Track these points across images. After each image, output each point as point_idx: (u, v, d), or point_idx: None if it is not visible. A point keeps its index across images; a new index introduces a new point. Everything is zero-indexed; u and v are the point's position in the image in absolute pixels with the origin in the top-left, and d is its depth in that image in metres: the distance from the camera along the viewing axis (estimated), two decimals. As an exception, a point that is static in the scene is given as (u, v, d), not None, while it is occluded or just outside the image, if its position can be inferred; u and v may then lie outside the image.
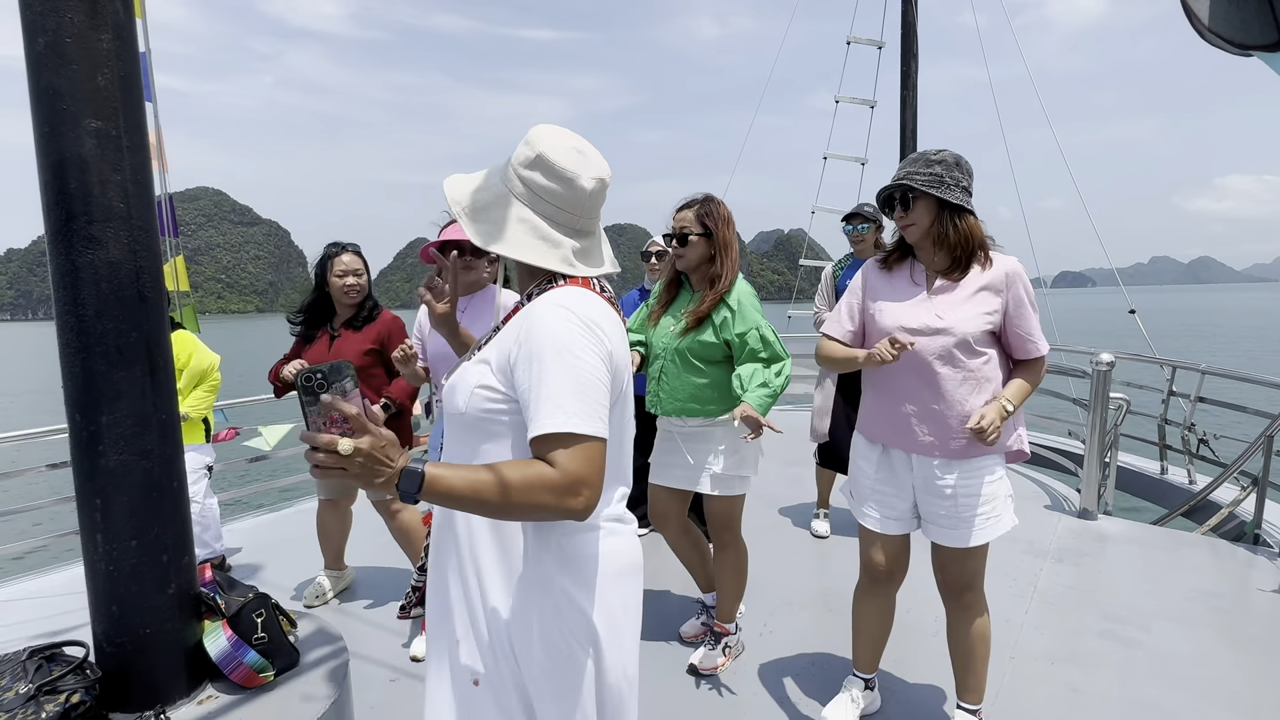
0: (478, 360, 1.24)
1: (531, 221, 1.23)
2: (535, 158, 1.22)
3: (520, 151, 1.24)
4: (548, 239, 1.23)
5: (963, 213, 1.96)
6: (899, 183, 1.98)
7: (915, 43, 7.78)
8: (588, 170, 1.23)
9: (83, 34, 1.29)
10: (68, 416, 1.37)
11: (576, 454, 1.08)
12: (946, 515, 2.04)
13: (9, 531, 5.66)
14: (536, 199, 1.23)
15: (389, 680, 2.62)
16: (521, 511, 1.07)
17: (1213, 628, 2.94)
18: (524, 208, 1.23)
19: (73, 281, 1.32)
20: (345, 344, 3.10)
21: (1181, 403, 5.00)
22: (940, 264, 2.03)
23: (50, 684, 1.30)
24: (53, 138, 1.30)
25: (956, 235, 1.96)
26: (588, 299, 1.22)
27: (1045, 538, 3.96)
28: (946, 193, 1.93)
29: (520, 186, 1.23)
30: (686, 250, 2.48)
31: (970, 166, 2.01)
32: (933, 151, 1.99)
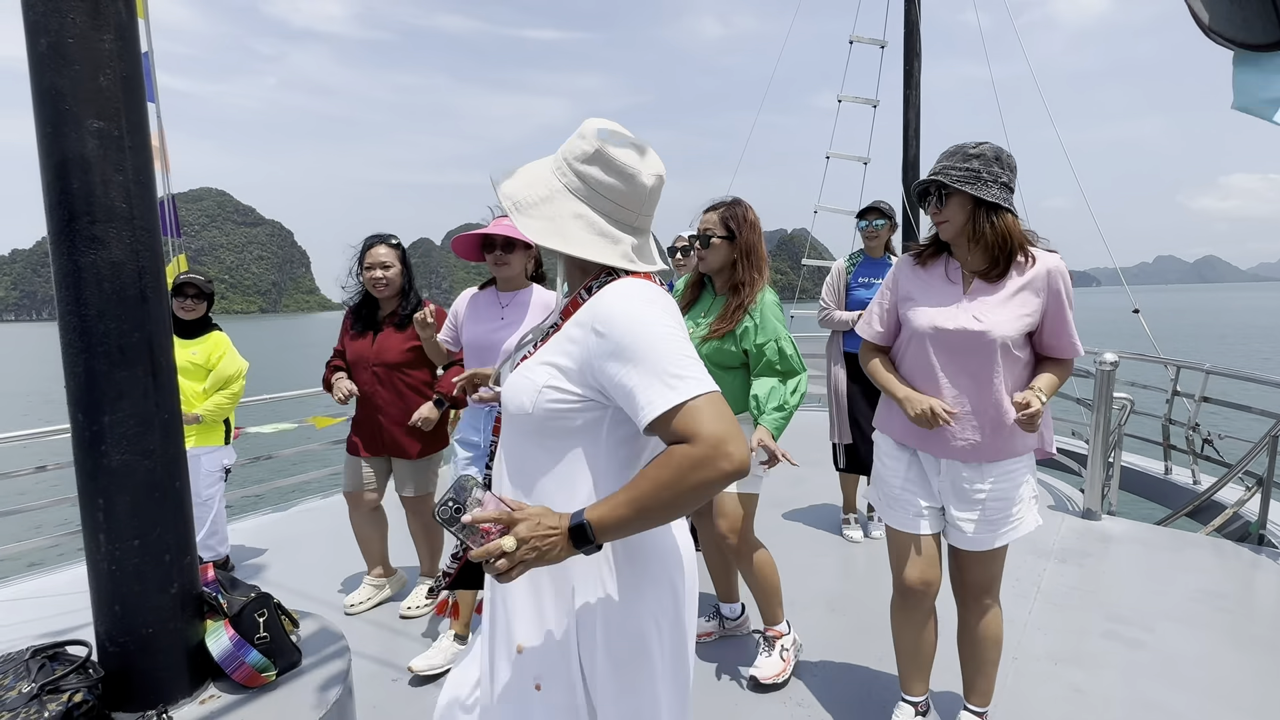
0: (540, 361, 1.20)
1: (589, 218, 1.19)
2: (594, 153, 1.18)
3: (576, 146, 1.20)
4: (607, 235, 1.20)
5: (1000, 211, 1.86)
6: (933, 177, 1.90)
7: (918, 41, 7.77)
8: (647, 167, 1.21)
9: (85, 35, 1.29)
10: (70, 416, 1.37)
11: (701, 416, 1.03)
12: (973, 519, 1.99)
13: (12, 531, 5.67)
14: (595, 195, 1.20)
15: (391, 680, 2.62)
16: (690, 501, 1.03)
17: (1217, 628, 2.93)
18: (580, 203, 1.20)
19: (75, 281, 1.32)
20: (387, 340, 3.07)
21: (1186, 403, 4.98)
22: (977, 263, 1.94)
23: (53, 683, 1.30)
24: (55, 138, 1.30)
25: (993, 234, 1.86)
26: (652, 287, 1.20)
27: (1049, 538, 3.95)
28: (982, 189, 1.83)
29: (577, 182, 1.20)
30: (709, 253, 2.46)
31: (1013, 161, 1.91)
32: (972, 145, 1.89)
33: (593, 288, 1.21)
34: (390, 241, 3.09)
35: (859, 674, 2.64)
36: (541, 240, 1.18)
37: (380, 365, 3.07)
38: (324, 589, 3.46)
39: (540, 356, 1.21)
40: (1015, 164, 1.91)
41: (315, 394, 5.44)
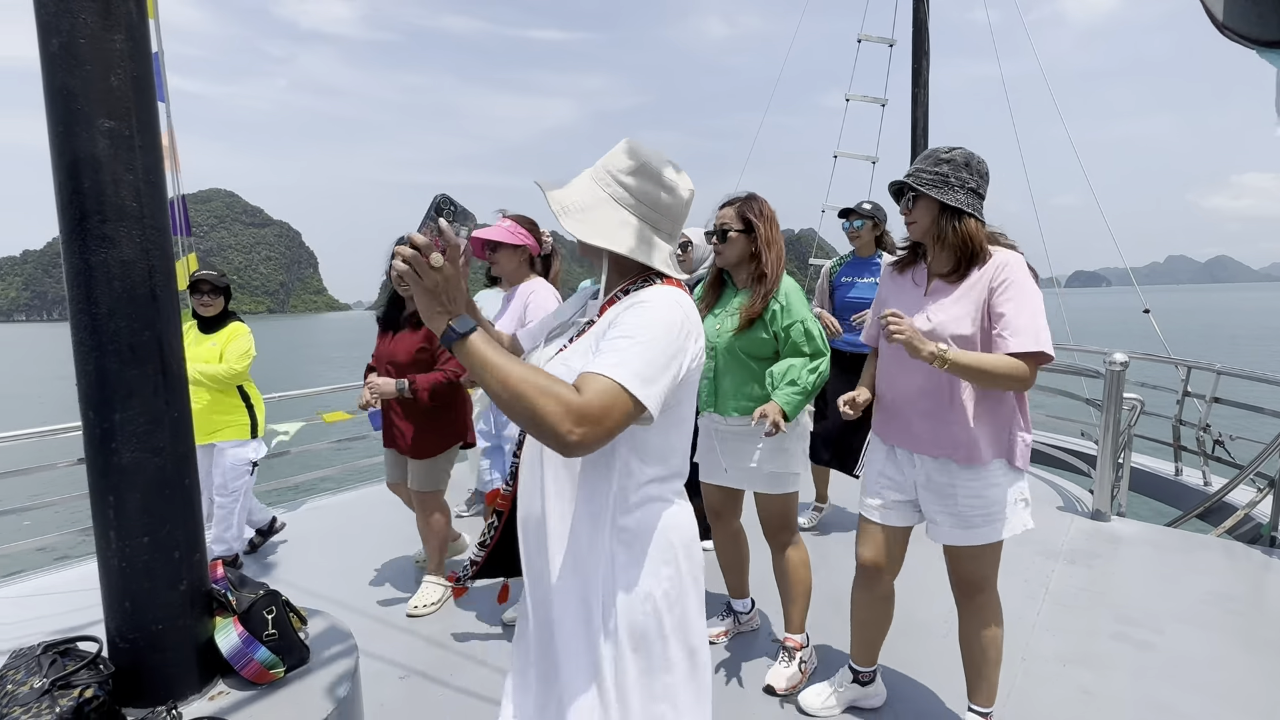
0: (578, 352, 1.31)
1: (633, 224, 1.31)
2: (640, 166, 1.31)
3: (621, 161, 1.32)
4: (648, 241, 1.32)
5: (964, 215, 1.92)
6: (904, 180, 1.98)
7: (927, 40, 7.74)
8: (684, 182, 1.35)
9: (96, 35, 1.30)
10: (81, 414, 1.38)
11: (607, 396, 1.11)
12: (949, 514, 2.04)
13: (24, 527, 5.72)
14: (639, 204, 1.31)
15: (398, 678, 2.63)
16: (524, 410, 1.08)
17: (1228, 630, 2.90)
18: (626, 212, 1.31)
19: (86, 280, 1.33)
20: (400, 341, 3.15)
21: (1197, 403, 4.94)
22: (941, 265, 2.02)
23: (64, 678, 1.31)
24: (67, 138, 1.31)
25: (955, 238, 1.93)
26: (687, 298, 1.32)
27: (1058, 539, 3.93)
28: (947, 194, 1.91)
29: (622, 192, 1.31)
30: (726, 247, 2.48)
31: (983, 167, 1.97)
32: (944, 149, 1.96)
33: (630, 289, 1.33)
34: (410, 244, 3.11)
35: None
36: (593, 240, 1.28)
37: (391, 364, 3.15)
38: (332, 587, 3.48)
39: (578, 347, 1.32)
40: (986, 170, 1.97)
41: (323, 392, 5.47)
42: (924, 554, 2.25)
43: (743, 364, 2.49)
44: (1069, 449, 5.67)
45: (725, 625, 2.90)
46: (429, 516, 3.26)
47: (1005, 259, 1.93)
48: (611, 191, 1.31)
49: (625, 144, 1.34)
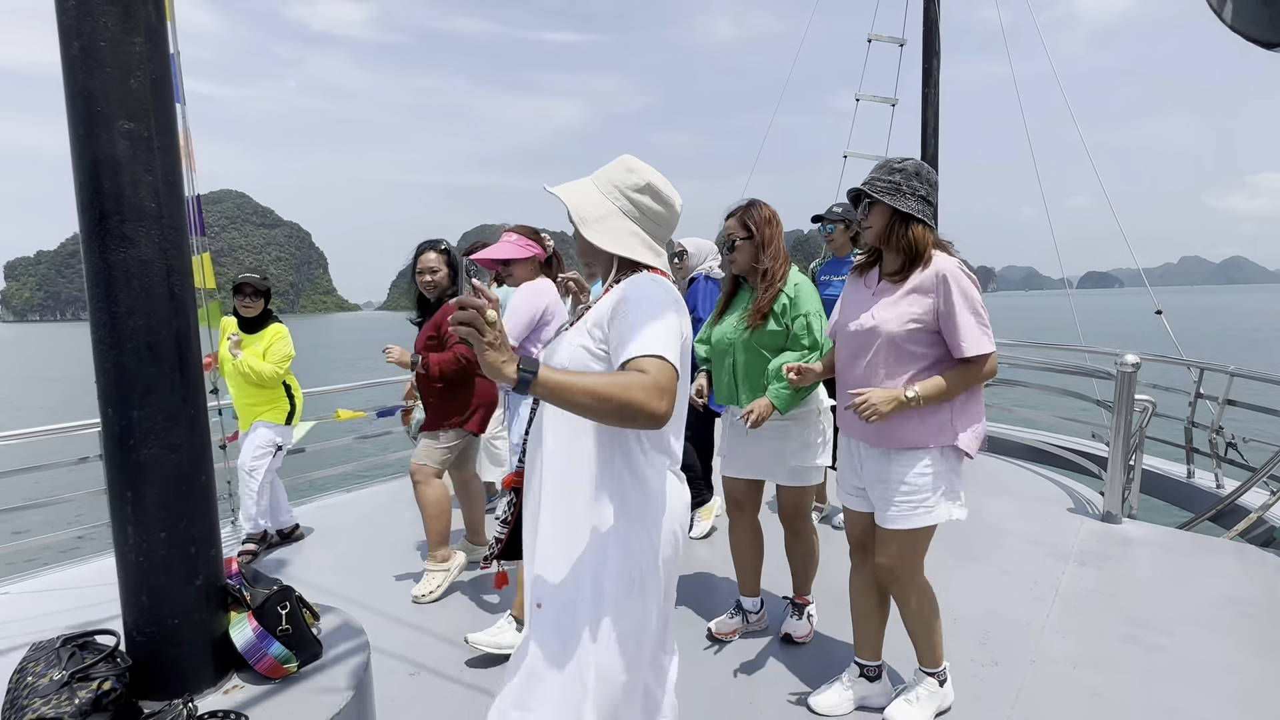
0: (577, 330, 1.55)
1: (639, 234, 1.56)
2: (645, 185, 1.55)
3: (626, 178, 1.56)
4: (652, 248, 1.58)
5: (913, 220, 2.08)
6: (860, 187, 2.15)
7: (937, 40, 7.70)
8: (677, 198, 1.61)
9: (116, 38, 1.32)
10: (100, 411, 1.41)
11: (663, 367, 1.34)
12: (879, 498, 2.19)
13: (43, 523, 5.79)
14: (643, 217, 1.57)
15: (409, 674, 2.65)
16: (617, 407, 1.27)
17: (1240, 634, 2.88)
18: (632, 223, 1.56)
19: (106, 279, 1.35)
20: (420, 334, 3.44)
21: (1209, 405, 4.90)
22: (890, 266, 2.18)
23: (83, 671, 1.33)
24: (87, 139, 1.33)
25: (904, 241, 2.10)
26: (666, 283, 1.54)
27: (1068, 541, 3.91)
28: (899, 200, 2.07)
29: (630, 207, 1.56)
30: (735, 254, 2.66)
31: (933, 177, 2.14)
32: (898, 160, 2.14)
33: (621, 280, 1.56)
34: (439, 247, 3.42)
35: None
36: (611, 247, 1.53)
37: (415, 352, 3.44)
38: (344, 583, 3.51)
39: (578, 326, 1.56)
40: (935, 180, 2.15)
41: (334, 391, 5.51)
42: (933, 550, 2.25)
43: (760, 357, 2.63)
44: (1080, 450, 5.63)
45: (735, 624, 2.93)
46: (416, 491, 3.39)
47: (942, 266, 2.07)
48: (620, 205, 1.55)
49: (629, 162, 1.57)
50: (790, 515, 2.80)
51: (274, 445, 3.94)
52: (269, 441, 3.91)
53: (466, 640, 2.74)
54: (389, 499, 4.92)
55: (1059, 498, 4.73)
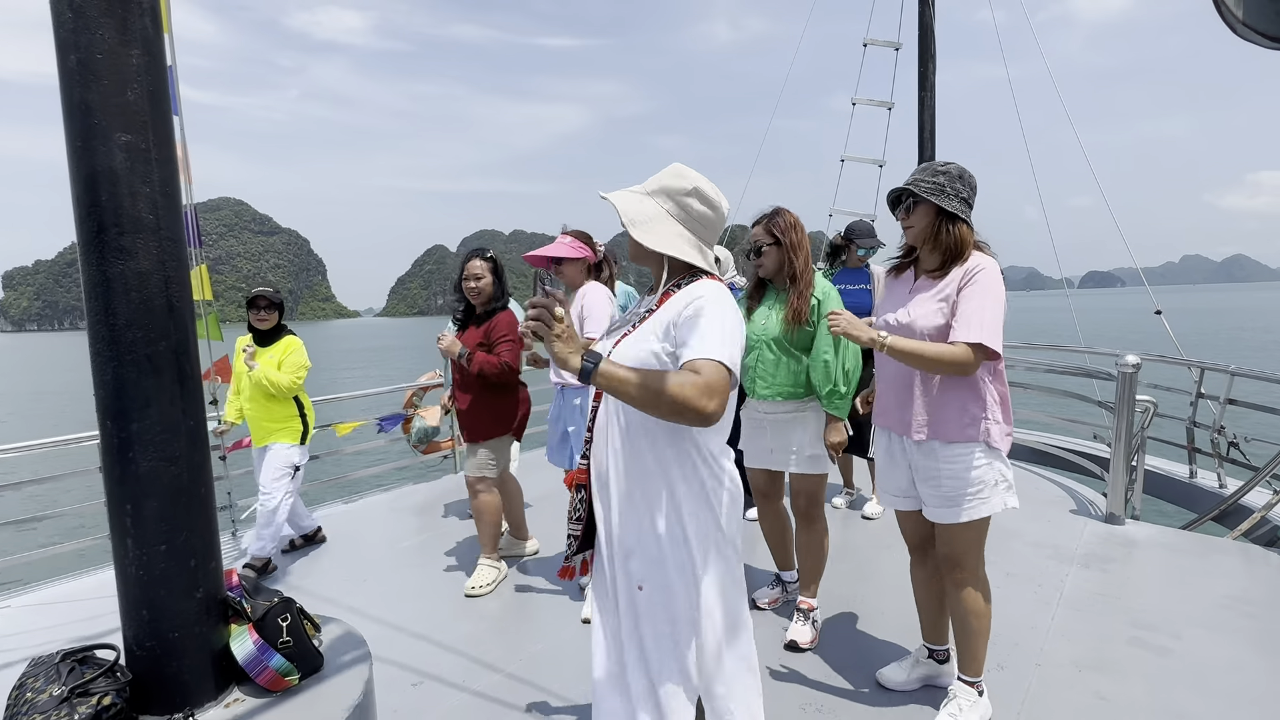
0: (644, 333, 1.63)
1: (687, 236, 1.66)
2: (693, 189, 1.65)
3: (675, 184, 1.65)
4: (699, 249, 1.67)
5: (957, 220, 2.16)
6: (905, 187, 2.20)
7: (933, 43, 7.72)
8: (723, 201, 1.70)
9: (113, 50, 1.32)
10: (99, 423, 1.40)
11: (717, 370, 1.44)
12: (932, 494, 2.24)
13: (43, 536, 5.77)
14: (690, 219, 1.66)
15: (411, 685, 2.64)
16: (669, 401, 1.39)
17: (1245, 635, 2.87)
18: (679, 225, 1.66)
19: (104, 292, 1.35)
20: (468, 335, 3.57)
21: (1211, 405, 4.90)
22: (929, 264, 2.25)
23: (82, 686, 1.32)
24: (85, 152, 1.33)
25: (949, 239, 2.17)
26: (726, 290, 1.66)
27: (1071, 543, 3.90)
28: (945, 200, 2.14)
29: (679, 210, 1.66)
30: (764, 260, 2.84)
31: (974, 180, 2.20)
32: (940, 163, 2.21)
33: (681, 284, 1.67)
34: (484, 255, 3.61)
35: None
36: (659, 248, 1.63)
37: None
38: (345, 594, 3.49)
39: (643, 331, 1.64)
40: (975, 184, 2.21)
41: (334, 400, 5.49)
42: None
43: (791, 355, 2.83)
44: (1082, 452, 5.62)
45: (775, 594, 3.24)
46: (477, 500, 3.56)
47: (979, 262, 2.15)
48: (669, 209, 1.66)
49: (677, 168, 1.68)
50: (805, 504, 2.94)
51: (291, 467, 3.92)
52: (286, 463, 3.89)
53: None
54: (388, 508, 4.91)
55: (1061, 499, 4.72)
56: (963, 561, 2.26)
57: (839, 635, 2.98)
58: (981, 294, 2.09)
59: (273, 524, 3.80)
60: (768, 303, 2.94)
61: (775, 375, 2.84)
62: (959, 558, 2.26)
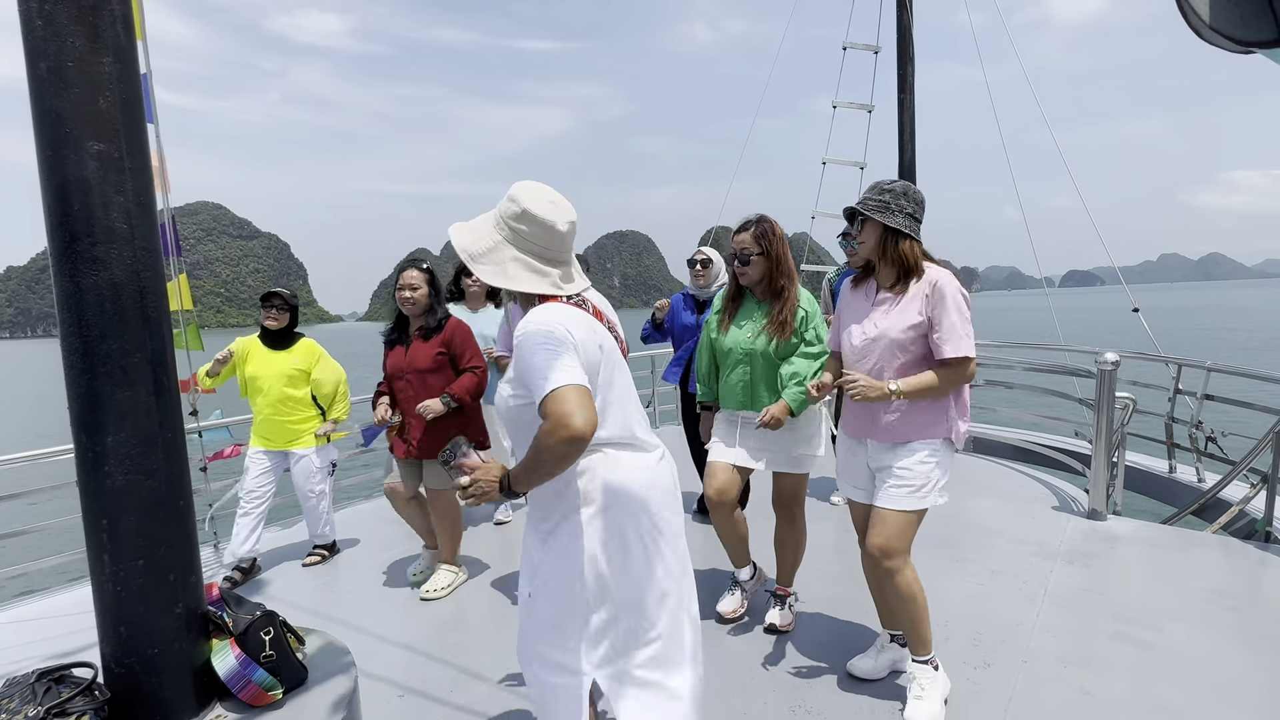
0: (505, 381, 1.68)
1: (524, 260, 1.63)
2: (521, 212, 1.62)
3: (507, 207, 1.63)
4: (538, 271, 1.64)
5: (903, 236, 2.28)
6: (854, 207, 2.34)
7: (911, 46, 7.80)
8: (561, 216, 1.64)
9: (84, 58, 1.30)
10: (74, 437, 1.37)
11: (555, 401, 1.44)
12: (882, 481, 2.37)
13: (17, 551, 5.66)
14: (525, 241, 1.63)
15: (397, 696, 2.61)
16: (553, 461, 1.45)
17: (1226, 627, 2.91)
18: (515, 250, 1.64)
19: (77, 303, 1.33)
20: (417, 351, 3.45)
21: (1189, 400, 4.97)
22: (886, 279, 2.37)
23: (59, 706, 1.29)
24: (56, 161, 1.30)
25: (896, 255, 2.30)
26: (556, 309, 1.61)
27: (1054, 539, 3.94)
28: (889, 218, 2.26)
29: (511, 234, 1.63)
30: (749, 269, 2.81)
31: (919, 196, 2.33)
32: (887, 181, 2.33)
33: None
34: (420, 265, 3.50)
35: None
36: (492, 281, 1.63)
37: (412, 373, 3.44)
38: (329, 605, 3.45)
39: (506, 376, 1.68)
40: (922, 199, 2.34)
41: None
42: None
43: (775, 365, 2.80)
44: (1063, 449, 5.68)
45: (737, 598, 3.14)
46: (444, 511, 3.52)
47: (937, 275, 2.28)
48: (505, 234, 1.64)
49: (513, 190, 1.65)
50: (789, 501, 2.98)
51: (330, 464, 4.06)
52: (321, 465, 3.99)
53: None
54: (373, 518, 4.86)
55: (1044, 496, 4.77)
56: (894, 550, 2.32)
57: (823, 633, 2.98)
58: (955, 308, 2.24)
59: (323, 517, 4.03)
60: (748, 313, 2.90)
61: (769, 390, 2.81)
62: (891, 547, 2.32)
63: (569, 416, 1.41)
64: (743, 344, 2.84)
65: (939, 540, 3.93)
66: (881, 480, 2.38)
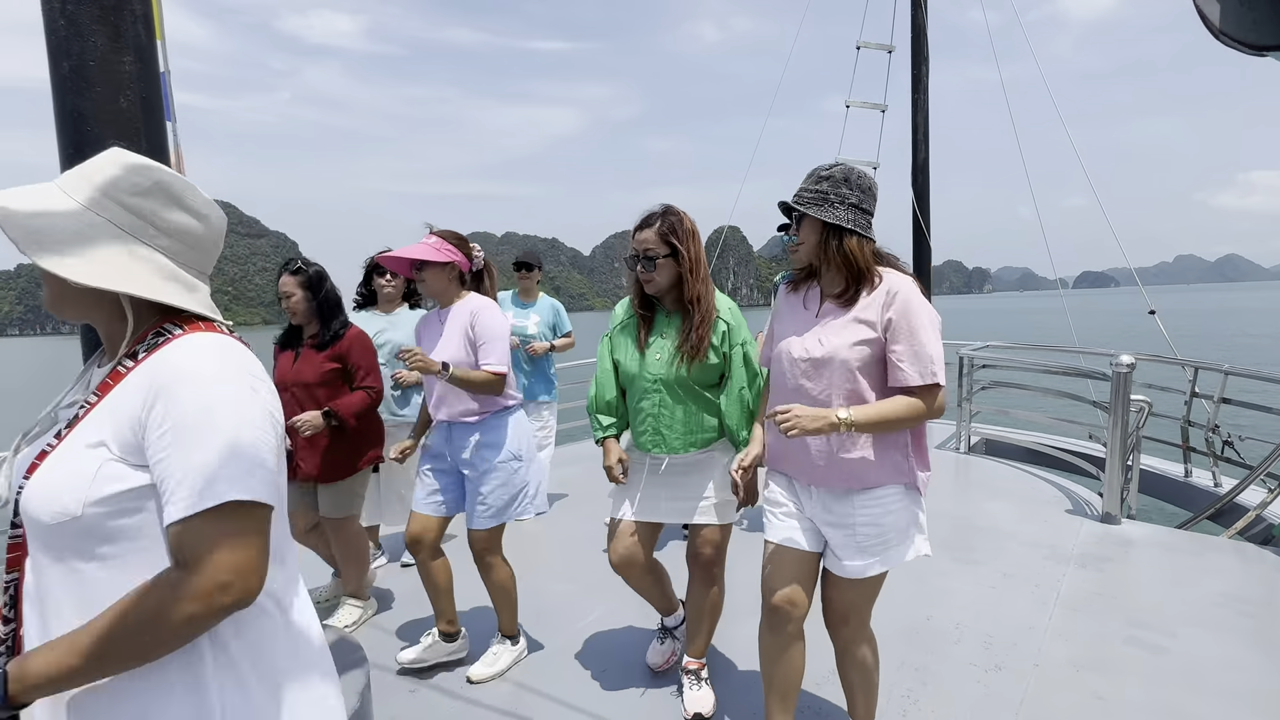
0: (84, 445, 0.90)
1: (153, 260, 0.97)
2: (154, 186, 0.97)
3: (127, 179, 0.96)
4: (180, 280, 1.00)
5: (845, 233, 1.82)
6: (786, 201, 1.89)
7: (925, 46, 7.77)
8: (215, 209, 1.05)
9: (105, 58, 1.32)
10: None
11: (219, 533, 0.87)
12: (844, 542, 1.90)
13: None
14: (161, 235, 0.98)
15: (409, 691, 2.63)
16: (173, 639, 0.85)
17: (1241, 633, 2.88)
18: (138, 243, 0.96)
19: (97, 299, 1.34)
20: (306, 362, 3.06)
21: (1205, 404, 4.92)
22: (832, 287, 1.91)
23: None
24: (77, 160, 1.32)
25: (839, 256, 1.83)
26: (237, 348, 0.98)
27: (1067, 543, 3.91)
28: (826, 212, 1.82)
29: (133, 219, 0.96)
30: (655, 274, 2.25)
31: (864, 181, 1.86)
32: (825, 167, 1.89)
33: (140, 351, 0.95)
34: (295, 269, 3.12)
35: None
36: (103, 283, 0.92)
37: (298, 386, 3.04)
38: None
39: (78, 438, 0.91)
40: (869, 184, 1.87)
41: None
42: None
43: (694, 395, 2.30)
44: (1077, 452, 5.64)
45: (668, 649, 2.69)
46: (346, 540, 3.17)
47: (896, 284, 1.83)
48: (115, 217, 0.95)
49: (118, 154, 0.99)
50: (710, 558, 2.38)
51: None
52: None
53: (469, 679, 2.65)
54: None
55: (1057, 499, 4.73)
56: (853, 617, 1.97)
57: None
58: (922, 327, 1.79)
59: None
60: (661, 330, 2.34)
61: (686, 426, 2.31)
62: (850, 613, 1.96)
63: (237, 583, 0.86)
64: (652, 372, 2.30)
65: (951, 543, 3.91)
66: (836, 538, 1.91)
